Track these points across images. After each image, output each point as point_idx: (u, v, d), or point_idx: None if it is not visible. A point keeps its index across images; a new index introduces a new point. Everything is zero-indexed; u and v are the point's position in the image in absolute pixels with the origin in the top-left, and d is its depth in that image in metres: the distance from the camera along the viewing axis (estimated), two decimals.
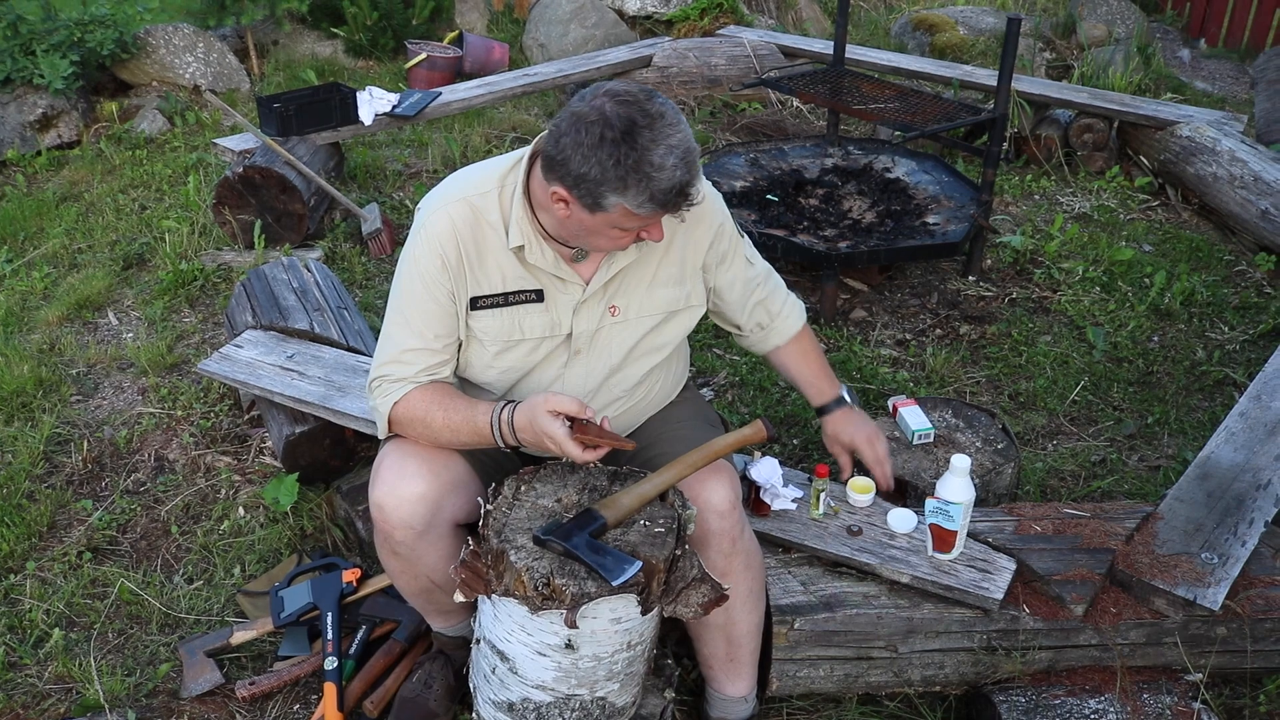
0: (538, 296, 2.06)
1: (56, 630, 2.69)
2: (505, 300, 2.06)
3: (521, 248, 2.01)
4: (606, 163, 1.78)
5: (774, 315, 2.40)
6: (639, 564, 1.85)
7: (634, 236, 1.94)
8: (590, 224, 1.90)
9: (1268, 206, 4.45)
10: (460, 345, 2.11)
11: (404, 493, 2.01)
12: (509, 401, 2.01)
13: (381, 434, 2.13)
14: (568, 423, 1.91)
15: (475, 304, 2.06)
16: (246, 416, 3.47)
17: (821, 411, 2.49)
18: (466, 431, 2.03)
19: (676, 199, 1.83)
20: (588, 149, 1.79)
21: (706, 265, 2.20)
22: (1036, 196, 5.10)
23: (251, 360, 3.15)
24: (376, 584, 2.67)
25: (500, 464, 2.21)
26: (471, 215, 2.02)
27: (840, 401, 2.48)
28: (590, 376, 2.15)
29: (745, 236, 2.33)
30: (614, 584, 1.82)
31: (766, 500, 2.46)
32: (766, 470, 2.47)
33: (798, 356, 2.47)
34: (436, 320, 2.05)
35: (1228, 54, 7.33)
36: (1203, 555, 2.47)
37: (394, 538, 2.06)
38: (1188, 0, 7.79)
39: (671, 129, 1.81)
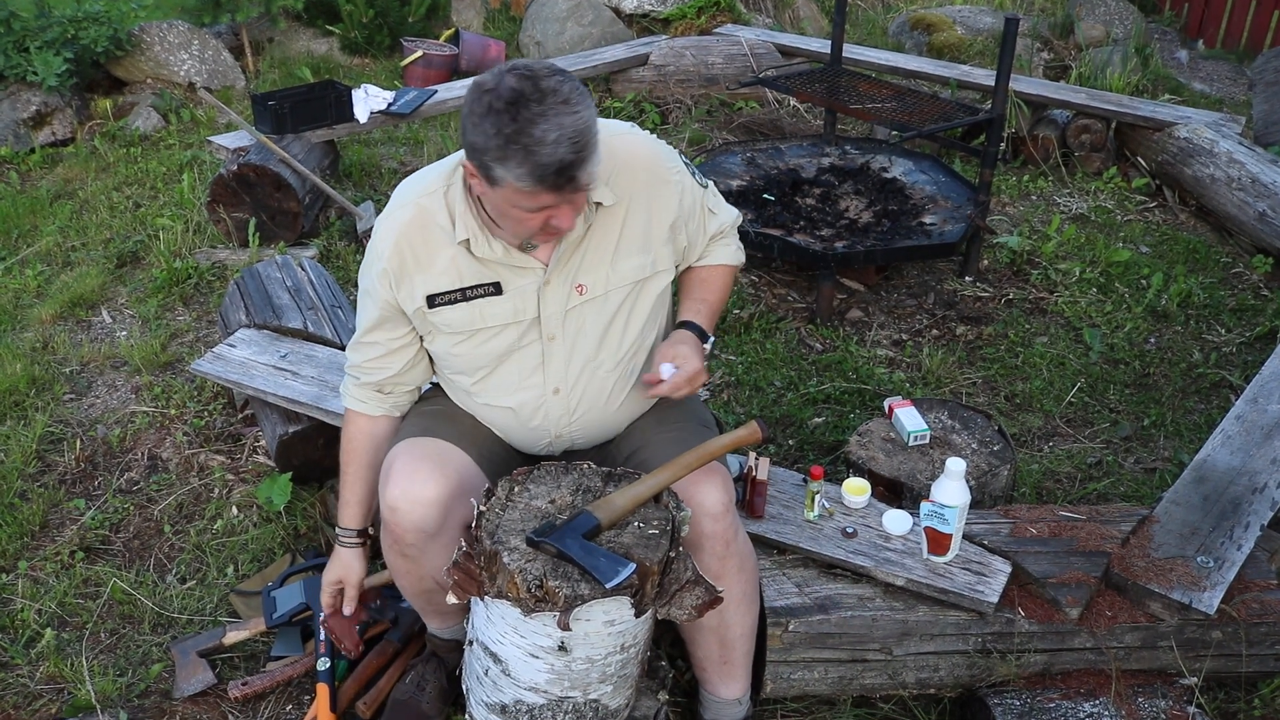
0: (495, 289, 2.06)
1: (48, 630, 2.68)
2: (464, 295, 2.06)
3: (469, 241, 2.01)
4: (489, 131, 1.76)
5: (711, 247, 2.30)
6: (633, 566, 1.84)
7: (541, 220, 1.88)
8: (496, 202, 1.88)
9: (1265, 208, 4.44)
10: (415, 340, 2.18)
11: (419, 496, 2.01)
12: (362, 536, 2.33)
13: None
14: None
15: (432, 301, 2.06)
16: (240, 415, 3.46)
17: (677, 325, 2.24)
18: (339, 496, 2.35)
19: (558, 179, 1.77)
20: (477, 118, 1.78)
21: (675, 226, 2.15)
22: (1034, 197, 5.09)
23: (245, 360, 3.14)
24: (370, 583, 2.66)
25: (509, 466, 2.20)
26: (419, 218, 2.03)
27: (699, 330, 2.22)
28: (571, 362, 2.12)
29: (710, 184, 2.27)
30: (607, 586, 1.81)
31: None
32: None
33: (699, 278, 2.30)
34: (375, 328, 2.16)
35: (1226, 55, 7.33)
36: (1198, 559, 2.46)
37: (405, 540, 2.05)
38: (1186, 1, 7.79)
39: (563, 107, 1.76)
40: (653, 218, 2.11)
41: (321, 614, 2.55)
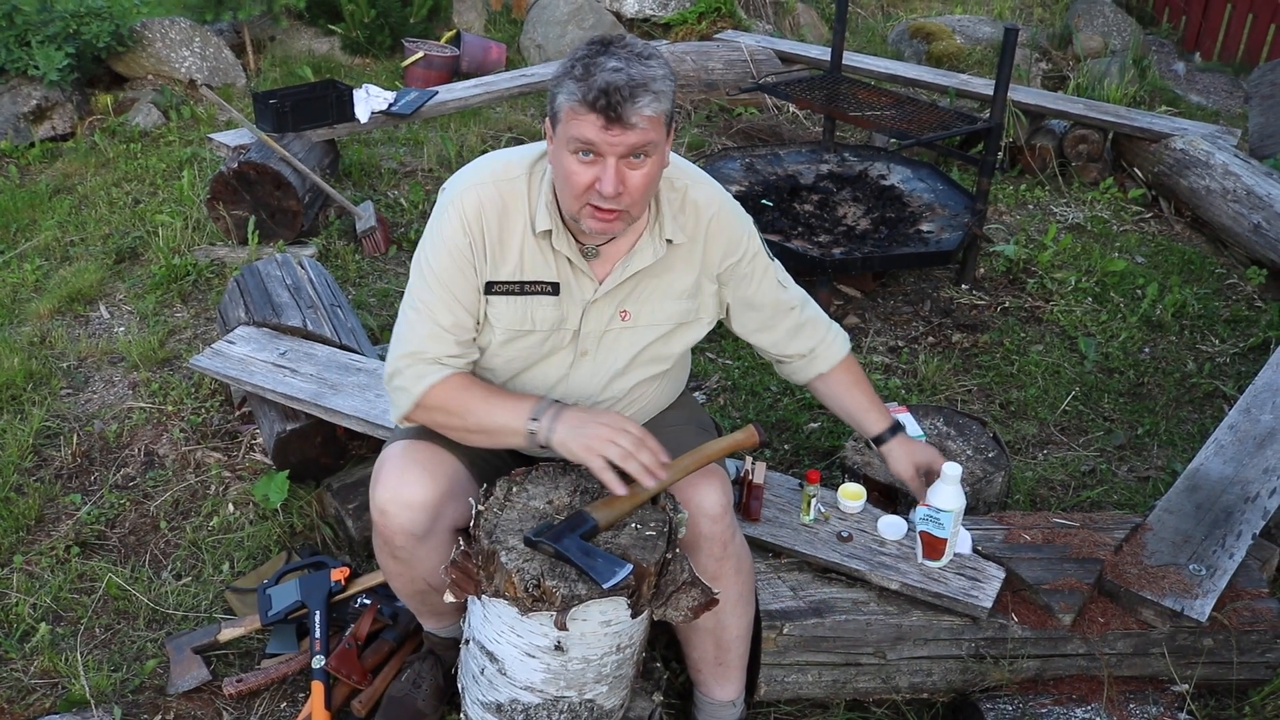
0: (554, 289, 2.06)
1: (43, 625, 2.68)
2: (521, 289, 2.06)
3: (549, 232, 2.02)
4: (567, 64, 1.87)
5: (817, 342, 2.34)
6: (630, 567, 1.85)
7: (590, 180, 1.88)
8: (558, 154, 1.91)
9: (1260, 220, 4.47)
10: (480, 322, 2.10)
11: (407, 498, 2.01)
12: (557, 401, 2.00)
13: (398, 418, 2.07)
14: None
15: (490, 288, 2.05)
16: (237, 413, 3.46)
17: (879, 441, 2.39)
18: (499, 430, 2.00)
19: (600, 99, 1.80)
20: (565, 58, 1.90)
21: (722, 279, 2.19)
22: (1030, 206, 5.12)
23: (244, 357, 3.14)
24: (365, 582, 2.67)
25: (499, 469, 2.21)
26: (499, 199, 2.02)
27: (896, 428, 2.39)
28: (595, 379, 2.15)
29: (777, 261, 2.29)
30: (604, 587, 1.82)
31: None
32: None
33: (847, 385, 2.39)
34: (468, 296, 2.04)
35: (1222, 68, 7.36)
36: (1191, 567, 2.48)
37: (394, 542, 2.06)
38: (1183, 13, 7.82)
39: (637, 58, 1.84)
40: (706, 266, 2.15)
41: (317, 612, 2.56)
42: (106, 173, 5.34)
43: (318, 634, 2.51)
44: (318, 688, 2.40)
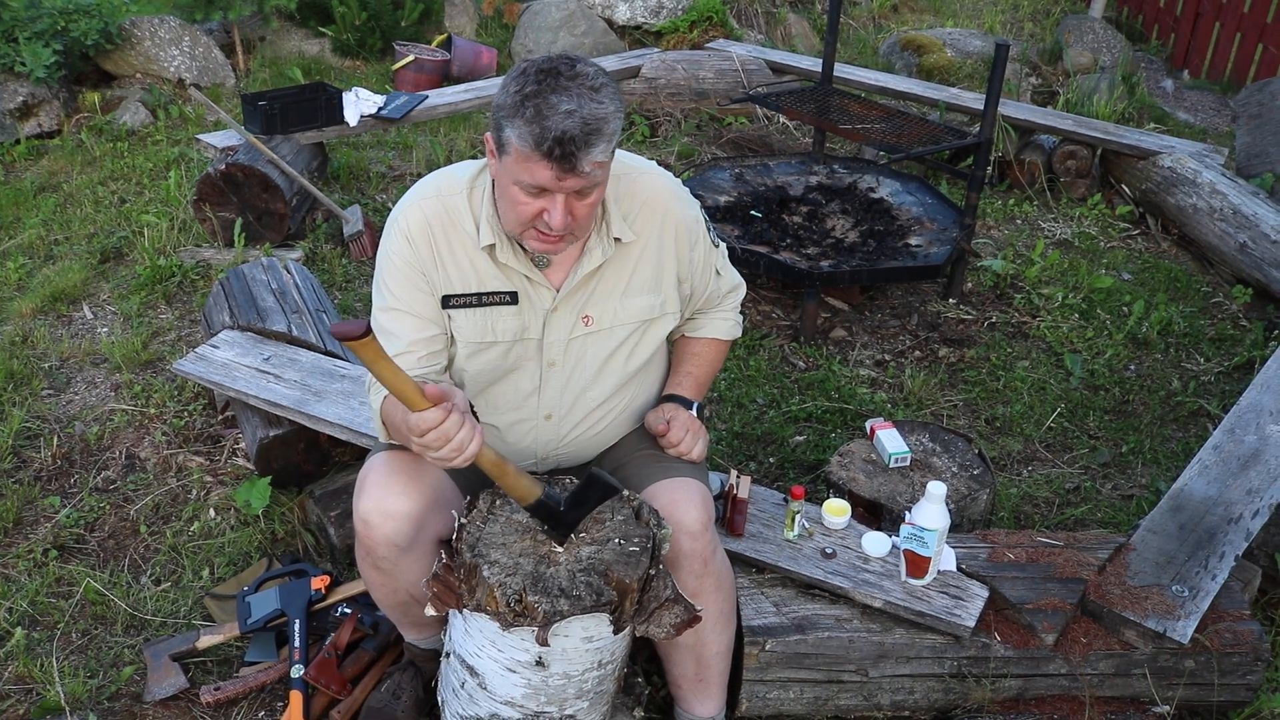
0: (512, 298, 2.06)
1: (18, 629, 2.66)
2: (479, 300, 2.06)
3: (493, 246, 2.02)
4: (512, 90, 1.81)
5: (707, 319, 2.37)
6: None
7: (536, 211, 1.87)
8: (501, 178, 1.90)
9: (1246, 240, 4.49)
10: (446, 336, 2.09)
11: (390, 509, 2.00)
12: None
13: (381, 436, 2.07)
14: None
15: (447, 302, 2.05)
16: (220, 417, 3.44)
17: (663, 399, 2.34)
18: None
19: (555, 149, 1.78)
20: (508, 79, 1.84)
21: (681, 277, 2.19)
22: (1018, 221, 5.13)
23: (227, 361, 3.12)
24: (346, 591, 2.65)
25: (483, 481, 2.19)
26: (444, 212, 2.03)
27: (685, 401, 2.30)
28: (567, 390, 2.14)
29: (722, 246, 2.33)
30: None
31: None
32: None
33: (690, 352, 2.37)
34: (426, 308, 2.04)
35: (1210, 86, 7.40)
36: (1173, 588, 2.48)
37: (377, 553, 2.04)
38: (1172, 31, 7.86)
39: (589, 93, 1.80)
40: (665, 260, 2.15)
41: (296, 620, 2.54)
42: (92, 171, 5.31)
43: (297, 643, 2.49)
44: (296, 697, 2.38)
